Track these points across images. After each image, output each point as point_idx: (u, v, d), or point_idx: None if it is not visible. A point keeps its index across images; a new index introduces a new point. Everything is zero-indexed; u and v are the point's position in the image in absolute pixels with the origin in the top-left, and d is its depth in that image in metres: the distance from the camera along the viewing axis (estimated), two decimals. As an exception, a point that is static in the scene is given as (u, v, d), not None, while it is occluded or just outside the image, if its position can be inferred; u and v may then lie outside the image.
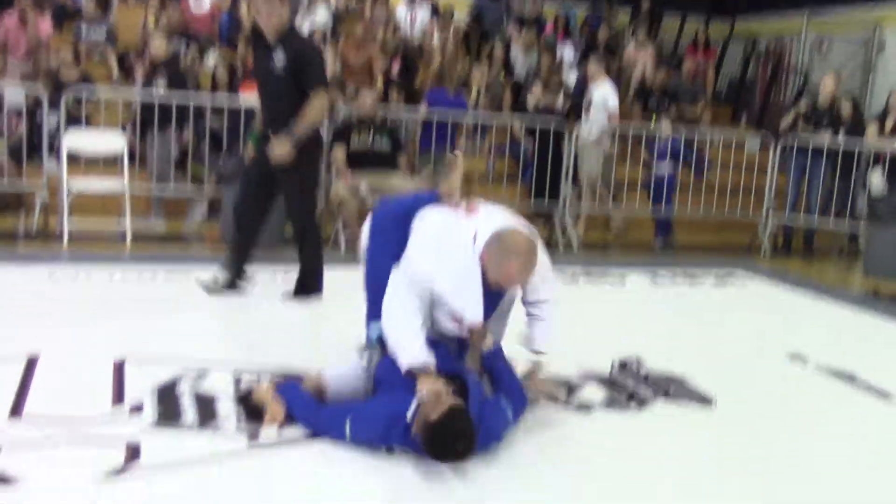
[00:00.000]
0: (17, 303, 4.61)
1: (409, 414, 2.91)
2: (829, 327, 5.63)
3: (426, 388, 2.93)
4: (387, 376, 3.14)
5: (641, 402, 3.77)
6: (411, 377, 3.00)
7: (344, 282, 4.58)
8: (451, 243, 3.21)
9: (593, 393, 3.84)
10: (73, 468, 2.74)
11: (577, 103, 9.05)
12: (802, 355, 4.68)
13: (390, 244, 3.34)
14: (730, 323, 5.51)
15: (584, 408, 3.65)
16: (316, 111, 4.91)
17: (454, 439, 2.83)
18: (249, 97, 7.26)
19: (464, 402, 2.91)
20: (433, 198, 3.47)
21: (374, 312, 3.32)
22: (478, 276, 3.14)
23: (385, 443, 2.98)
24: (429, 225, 3.32)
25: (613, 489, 2.91)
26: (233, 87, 8.43)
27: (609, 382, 4.00)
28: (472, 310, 3.17)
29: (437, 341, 3.19)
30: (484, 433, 2.97)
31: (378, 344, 3.28)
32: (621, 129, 9.13)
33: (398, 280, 3.17)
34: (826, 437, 3.58)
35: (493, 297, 3.29)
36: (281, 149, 4.85)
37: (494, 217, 3.34)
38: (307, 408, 3.17)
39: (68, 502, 2.55)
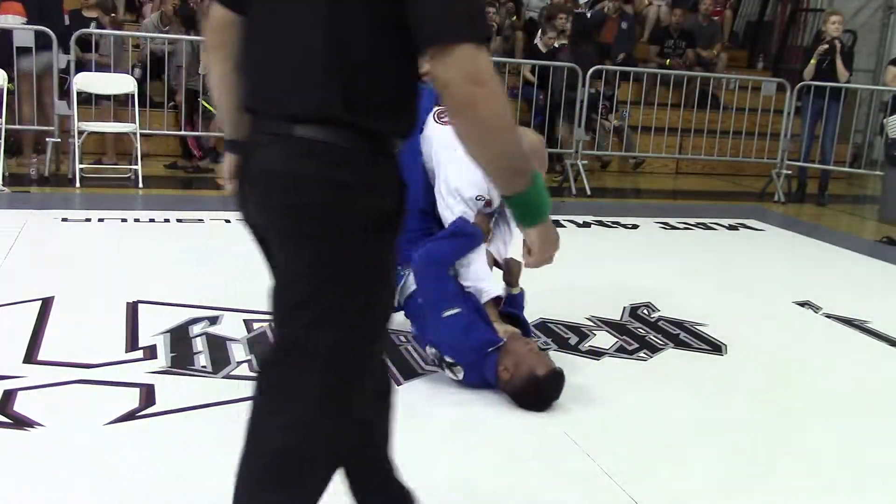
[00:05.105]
0: (30, 247, 4.62)
1: (491, 349, 3.06)
2: (841, 274, 5.60)
3: (505, 331, 3.18)
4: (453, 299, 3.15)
5: (652, 349, 3.78)
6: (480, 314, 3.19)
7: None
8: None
9: (604, 339, 3.85)
10: (88, 413, 2.77)
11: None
12: (814, 302, 4.67)
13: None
14: (742, 270, 5.48)
15: (595, 354, 3.66)
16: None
17: (552, 397, 3.06)
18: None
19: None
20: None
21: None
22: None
23: (460, 360, 3.10)
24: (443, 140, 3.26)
25: (622, 435, 2.93)
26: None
27: (620, 328, 4.02)
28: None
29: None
30: None
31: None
32: (636, 73, 9.01)
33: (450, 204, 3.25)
34: (835, 383, 3.57)
35: None
36: None
37: None
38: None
39: (83, 447, 2.58)
